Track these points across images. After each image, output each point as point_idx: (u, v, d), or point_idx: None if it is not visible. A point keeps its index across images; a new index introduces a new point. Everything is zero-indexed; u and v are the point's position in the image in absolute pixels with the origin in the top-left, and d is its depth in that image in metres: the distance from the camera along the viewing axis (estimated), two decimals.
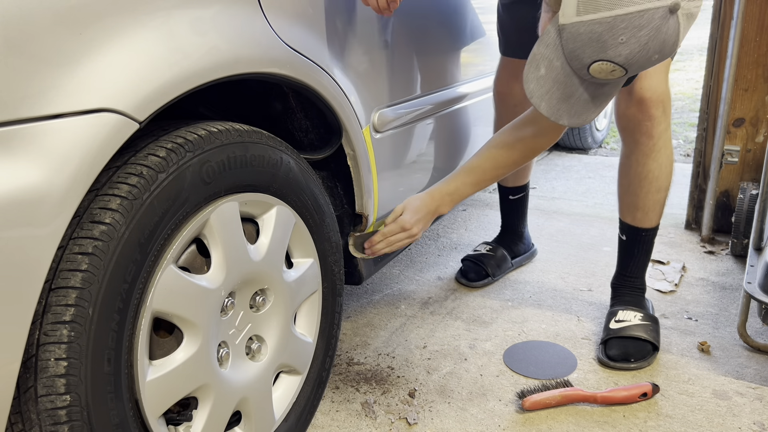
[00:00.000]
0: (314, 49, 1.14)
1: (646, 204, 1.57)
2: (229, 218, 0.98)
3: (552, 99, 1.20)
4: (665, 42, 1.08)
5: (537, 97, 1.20)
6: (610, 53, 1.09)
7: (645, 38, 1.06)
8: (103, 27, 0.77)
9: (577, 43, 1.11)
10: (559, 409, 1.38)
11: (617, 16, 1.05)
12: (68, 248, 0.77)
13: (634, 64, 1.10)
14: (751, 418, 1.35)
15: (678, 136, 4.08)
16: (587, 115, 1.23)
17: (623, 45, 1.07)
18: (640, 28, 1.05)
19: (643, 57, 1.09)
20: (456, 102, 1.78)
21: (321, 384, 1.28)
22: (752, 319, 1.69)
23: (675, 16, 1.05)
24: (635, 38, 1.06)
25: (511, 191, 2.02)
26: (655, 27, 1.05)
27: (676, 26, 1.06)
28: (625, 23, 1.05)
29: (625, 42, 1.07)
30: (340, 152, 1.30)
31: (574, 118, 1.22)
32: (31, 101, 0.70)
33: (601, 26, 1.07)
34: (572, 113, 1.21)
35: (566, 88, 1.18)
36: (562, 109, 1.21)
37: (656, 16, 1.04)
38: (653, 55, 1.09)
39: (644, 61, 1.10)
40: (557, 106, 1.20)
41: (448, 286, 1.97)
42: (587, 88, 1.19)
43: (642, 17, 1.04)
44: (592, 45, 1.09)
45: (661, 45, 1.08)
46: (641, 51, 1.07)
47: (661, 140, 1.49)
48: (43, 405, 0.76)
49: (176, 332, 0.93)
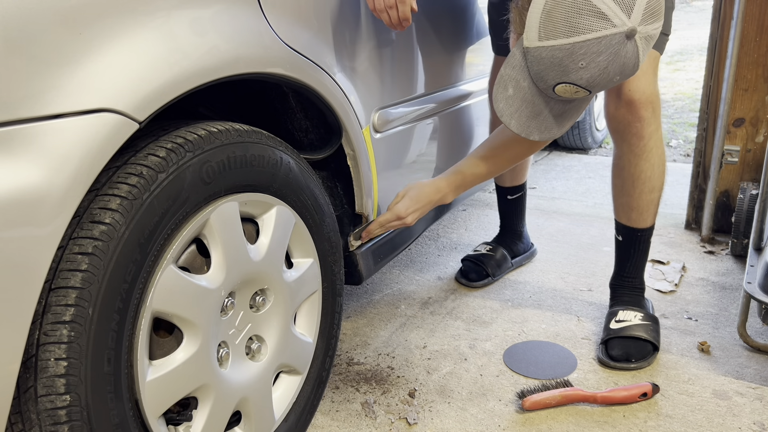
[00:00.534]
0: (314, 49, 1.14)
1: (640, 204, 1.58)
2: (229, 218, 0.98)
3: (521, 117, 1.23)
4: (625, 65, 1.10)
5: (507, 115, 1.24)
6: (572, 77, 1.11)
7: (604, 63, 1.09)
8: (103, 27, 0.77)
9: (541, 66, 1.14)
10: (559, 409, 1.38)
11: (575, 43, 1.08)
12: (68, 248, 0.77)
13: (597, 86, 1.13)
14: (751, 418, 1.35)
15: (678, 136, 4.08)
16: (558, 129, 1.26)
17: (584, 69, 1.09)
18: (598, 54, 1.08)
19: (605, 79, 1.11)
20: (456, 102, 1.78)
21: (321, 384, 1.28)
22: (752, 319, 1.69)
23: (633, 41, 1.08)
24: (594, 63, 1.08)
25: (509, 191, 2.02)
26: (613, 52, 1.08)
27: (634, 50, 1.09)
28: (583, 49, 1.08)
29: (585, 67, 1.09)
30: (340, 152, 1.30)
31: (545, 134, 1.26)
32: (31, 101, 0.70)
33: (561, 52, 1.09)
34: (542, 129, 1.25)
35: (534, 107, 1.22)
36: (532, 125, 1.24)
37: (613, 42, 1.07)
38: (614, 77, 1.12)
39: (606, 83, 1.12)
40: (527, 123, 1.24)
41: (448, 286, 1.97)
42: (555, 105, 1.22)
43: (600, 43, 1.07)
44: (555, 69, 1.12)
45: (621, 68, 1.10)
46: (601, 74, 1.10)
47: (651, 140, 1.50)
48: (43, 405, 0.76)
49: (176, 332, 0.93)
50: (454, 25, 1.74)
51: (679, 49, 7.33)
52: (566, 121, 1.27)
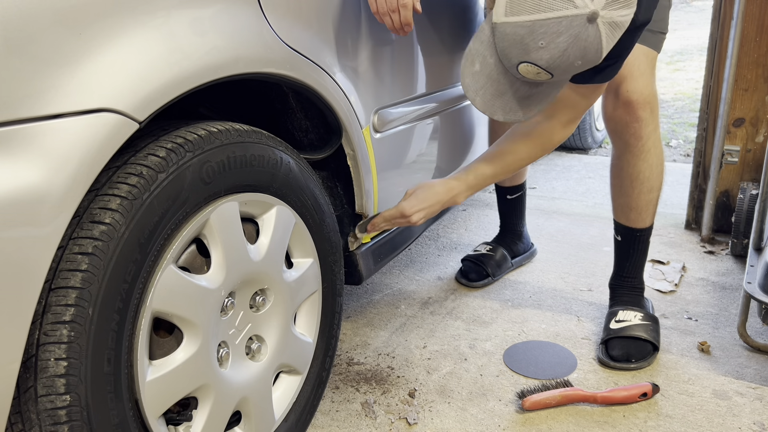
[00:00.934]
0: (314, 49, 1.14)
1: (639, 204, 1.58)
2: (229, 218, 0.98)
3: (486, 94, 1.20)
4: (586, 49, 1.07)
5: (472, 91, 1.21)
6: (533, 56, 1.09)
7: (564, 44, 1.06)
8: (103, 27, 0.77)
9: (505, 42, 1.11)
10: (559, 409, 1.38)
11: (536, 21, 1.05)
12: (68, 248, 0.77)
13: (557, 69, 1.10)
14: (751, 418, 1.35)
15: (678, 136, 4.08)
16: (523, 112, 1.23)
17: (543, 49, 1.07)
18: (558, 35, 1.05)
19: (565, 62, 1.08)
20: (456, 102, 1.78)
21: (321, 384, 1.28)
22: (752, 319, 1.69)
23: (595, 25, 1.05)
24: (554, 44, 1.06)
25: (509, 191, 2.02)
26: (573, 35, 1.05)
27: (596, 35, 1.06)
28: (543, 28, 1.05)
29: (545, 47, 1.07)
30: (340, 152, 1.30)
31: (509, 115, 1.22)
32: (31, 101, 0.70)
33: (523, 29, 1.07)
34: (507, 110, 1.22)
35: (499, 85, 1.19)
36: (497, 105, 1.21)
37: (574, 24, 1.04)
38: (575, 61, 1.08)
39: (567, 66, 1.09)
40: (491, 102, 1.21)
41: (448, 286, 1.97)
42: (521, 87, 1.19)
43: (560, 24, 1.04)
44: (517, 46, 1.09)
45: (582, 52, 1.07)
46: (561, 56, 1.07)
47: (650, 141, 1.50)
48: (43, 405, 0.76)
49: (176, 332, 0.93)
50: (454, 24, 1.74)
51: (679, 49, 7.33)
52: (532, 106, 1.23)
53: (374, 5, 1.23)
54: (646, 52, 1.45)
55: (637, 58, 1.44)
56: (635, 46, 1.43)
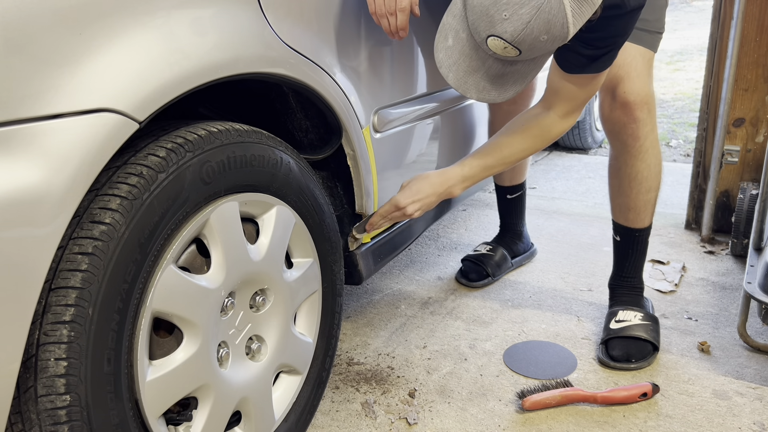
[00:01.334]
0: (314, 49, 1.14)
1: (637, 204, 1.58)
2: (229, 218, 0.98)
3: (459, 71, 1.18)
4: (551, 23, 1.04)
5: (445, 67, 1.19)
6: (498, 29, 1.06)
7: (527, 16, 1.03)
8: (103, 27, 0.77)
9: (474, 15, 1.09)
10: (559, 409, 1.38)
11: None
12: (68, 248, 0.77)
13: (523, 43, 1.07)
14: (751, 418, 1.35)
15: (678, 136, 4.08)
16: (497, 93, 1.20)
17: (507, 21, 1.04)
18: (521, 6, 1.03)
19: (529, 36, 1.06)
20: (456, 102, 1.77)
21: (321, 384, 1.28)
22: (752, 319, 1.69)
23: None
24: (517, 15, 1.03)
25: (509, 190, 2.02)
26: (535, 6, 1.02)
27: (560, 7, 1.03)
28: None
29: (509, 18, 1.04)
30: (340, 152, 1.30)
31: (482, 93, 1.20)
32: (30, 101, 0.70)
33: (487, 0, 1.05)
34: (480, 88, 1.19)
35: (472, 61, 1.17)
36: (470, 82, 1.19)
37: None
38: (540, 35, 1.06)
39: (532, 41, 1.06)
40: (464, 79, 1.18)
41: (448, 286, 1.97)
42: (494, 64, 1.16)
43: None
44: (484, 18, 1.07)
45: (546, 25, 1.04)
46: (525, 30, 1.04)
47: (647, 141, 1.49)
48: (43, 405, 0.76)
49: (176, 332, 0.93)
50: None
51: (679, 49, 7.33)
52: (507, 86, 1.20)
53: (372, 6, 1.23)
54: (642, 52, 1.45)
55: (634, 59, 1.44)
56: (632, 46, 1.43)
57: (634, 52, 1.44)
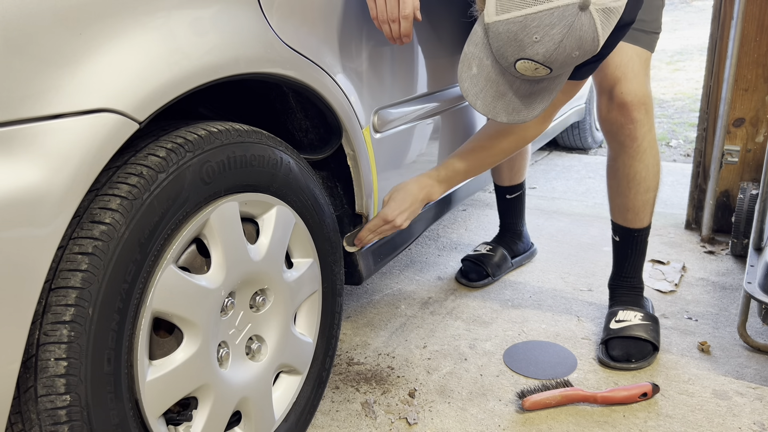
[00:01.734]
0: (314, 49, 1.14)
1: (636, 205, 1.58)
2: (229, 218, 0.98)
3: (487, 97, 1.19)
4: (582, 39, 1.05)
5: (472, 95, 1.20)
6: (529, 51, 1.07)
7: (559, 36, 1.04)
8: (103, 27, 0.77)
9: (500, 42, 1.10)
10: (559, 409, 1.38)
11: (527, 15, 1.04)
12: (68, 248, 0.77)
13: (555, 62, 1.08)
14: (751, 418, 1.35)
15: (678, 136, 4.08)
16: (528, 112, 1.21)
17: (538, 44, 1.06)
18: (552, 26, 1.04)
19: (562, 55, 1.07)
20: (456, 102, 1.78)
21: (321, 384, 1.28)
22: (752, 319, 1.69)
23: (587, 13, 1.03)
24: (548, 36, 1.05)
25: (508, 190, 2.02)
26: (567, 25, 1.03)
27: (590, 23, 1.04)
28: (536, 22, 1.04)
29: (540, 41, 1.05)
30: (340, 152, 1.30)
31: (513, 115, 1.21)
32: (31, 101, 0.70)
33: (515, 25, 1.06)
34: (510, 110, 1.20)
35: (499, 86, 1.18)
36: (499, 106, 1.20)
37: (566, 14, 1.03)
38: (572, 52, 1.07)
39: (565, 59, 1.08)
40: (493, 104, 1.19)
41: (448, 286, 1.97)
42: (522, 86, 1.17)
43: (552, 15, 1.03)
44: (512, 44, 1.08)
45: (578, 42, 1.06)
46: (558, 49, 1.06)
47: (645, 141, 1.49)
48: (43, 405, 0.76)
49: (176, 332, 0.93)
50: (454, 25, 1.74)
51: (679, 49, 7.33)
52: (536, 104, 1.21)
53: (374, 11, 1.22)
54: (639, 52, 1.45)
55: (631, 59, 1.44)
56: (629, 47, 1.43)
57: (631, 53, 1.44)
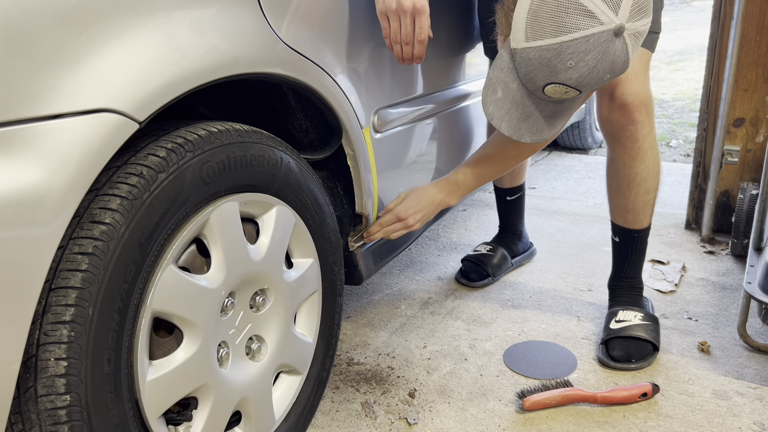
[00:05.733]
0: (314, 49, 1.14)
1: (636, 206, 1.58)
2: (229, 218, 0.98)
3: (512, 119, 1.21)
4: (615, 63, 1.08)
5: (497, 118, 1.22)
6: (561, 77, 1.10)
7: (593, 62, 1.07)
8: (103, 27, 0.77)
9: (529, 67, 1.12)
10: (559, 409, 1.38)
11: (563, 43, 1.06)
12: (68, 248, 0.77)
13: (587, 86, 1.11)
14: (751, 418, 1.35)
15: (678, 136, 4.08)
16: (550, 130, 1.24)
17: (573, 69, 1.08)
18: (587, 53, 1.06)
19: (594, 78, 1.09)
20: (456, 102, 1.78)
21: (321, 384, 1.29)
22: (752, 319, 1.69)
23: (621, 38, 1.06)
24: (583, 62, 1.07)
25: (508, 192, 2.02)
26: (601, 51, 1.06)
27: (623, 47, 1.07)
28: (571, 49, 1.06)
29: (574, 66, 1.07)
30: (340, 152, 1.30)
31: (536, 135, 1.23)
32: (31, 101, 0.70)
33: (549, 52, 1.08)
34: (534, 131, 1.23)
35: (525, 109, 1.20)
36: (523, 128, 1.22)
37: (601, 40, 1.05)
38: (604, 75, 1.10)
39: (596, 82, 1.11)
40: (518, 126, 1.22)
41: (448, 286, 1.97)
42: (546, 106, 1.20)
43: (588, 42, 1.05)
44: (543, 69, 1.10)
45: (611, 66, 1.09)
46: (591, 73, 1.08)
47: (646, 142, 1.50)
48: (43, 405, 0.76)
49: (176, 332, 0.93)
50: (453, 25, 1.74)
51: (679, 49, 7.33)
52: (558, 122, 1.25)
53: (387, 30, 1.23)
54: (640, 53, 1.45)
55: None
56: None
57: None
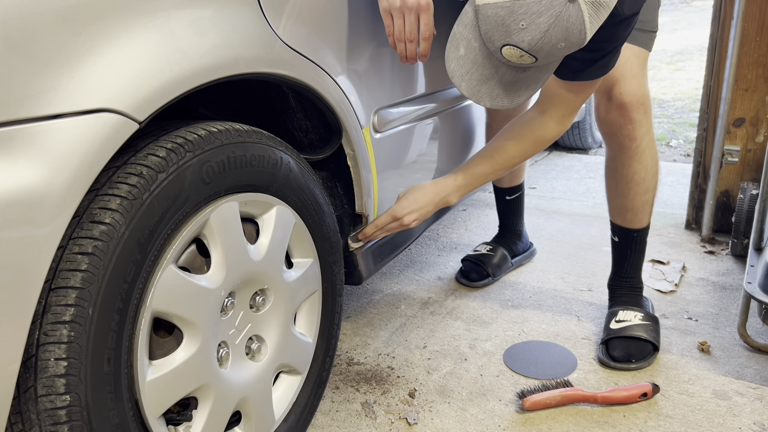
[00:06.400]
0: (314, 49, 1.14)
1: (635, 205, 1.58)
2: (229, 218, 0.98)
3: (472, 80, 1.18)
4: (569, 30, 1.04)
5: (458, 76, 1.18)
6: (514, 38, 1.06)
7: (545, 25, 1.03)
8: (103, 27, 0.77)
9: (488, 25, 1.09)
10: (559, 409, 1.38)
11: (516, 1, 1.03)
12: (68, 248, 0.77)
13: (540, 51, 1.07)
14: (751, 418, 1.35)
15: (678, 136, 4.08)
16: (508, 99, 1.20)
17: (524, 31, 1.04)
18: (539, 15, 1.03)
19: (547, 44, 1.06)
20: (456, 102, 1.78)
21: (321, 384, 1.28)
22: (752, 319, 1.69)
23: (576, 5, 1.02)
24: (535, 24, 1.03)
25: (507, 192, 2.02)
26: (554, 14, 1.02)
27: (578, 15, 1.03)
28: (524, 9, 1.03)
29: (526, 28, 1.04)
30: (340, 152, 1.30)
31: (496, 101, 1.19)
32: (31, 101, 0.70)
33: (503, 10, 1.05)
34: (493, 96, 1.19)
35: (485, 70, 1.16)
36: (483, 90, 1.18)
37: (554, 4, 1.02)
38: (558, 43, 1.06)
39: (550, 49, 1.07)
40: (477, 87, 1.18)
41: (448, 286, 1.97)
42: (507, 72, 1.16)
43: (540, 3, 1.02)
44: (499, 29, 1.07)
45: (564, 33, 1.04)
46: (543, 38, 1.04)
47: (644, 142, 1.49)
48: (43, 405, 0.76)
49: (176, 332, 0.93)
50: (453, 24, 1.74)
51: (679, 49, 7.33)
52: (519, 93, 1.19)
53: (391, 28, 1.21)
54: (637, 52, 1.45)
55: (629, 60, 1.44)
56: (627, 47, 1.42)
57: (628, 53, 1.43)
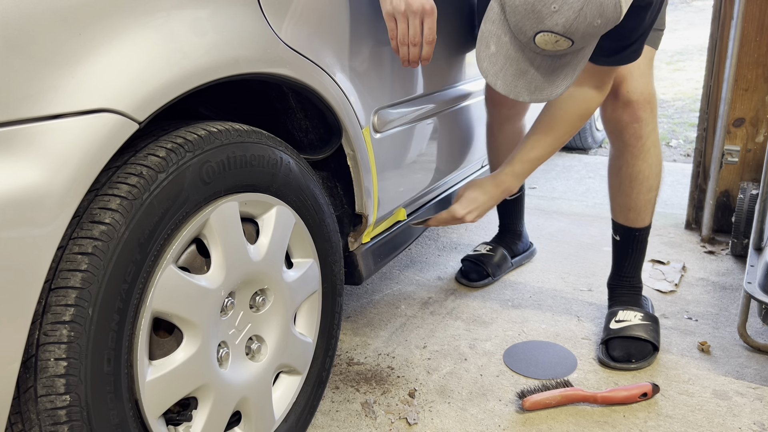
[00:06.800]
0: (314, 49, 1.14)
1: (638, 204, 1.58)
2: (229, 218, 0.98)
3: (507, 76, 1.15)
4: (603, 5, 1.01)
5: (492, 75, 1.16)
6: (548, 23, 1.04)
7: (578, 4, 1.01)
8: (103, 27, 0.77)
9: (517, 15, 1.07)
10: (559, 409, 1.38)
11: None
12: (68, 248, 0.77)
13: (576, 32, 1.04)
14: (751, 418, 1.35)
15: (678, 136, 4.08)
16: (551, 89, 1.17)
17: (557, 13, 1.02)
18: None
19: (583, 24, 1.03)
20: (456, 102, 1.77)
21: (321, 384, 1.28)
22: (752, 319, 1.69)
23: None
24: (567, 5, 1.01)
25: None
26: None
27: None
28: None
29: (559, 10, 1.01)
30: (340, 152, 1.30)
31: (535, 94, 1.17)
32: (30, 101, 0.70)
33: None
34: (532, 89, 1.16)
35: (519, 64, 1.14)
36: (520, 85, 1.16)
37: None
38: (594, 20, 1.03)
39: (586, 28, 1.04)
40: (513, 83, 1.16)
41: (448, 286, 1.97)
42: (543, 62, 1.14)
43: None
44: (530, 16, 1.05)
45: (599, 9, 1.02)
46: (578, 18, 1.02)
47: (649, 140, 1.50)
48: (43, 405, 0.76)
49: (176, 332, 0.93)
50: (453, 25, 1.74)
51: (679, 49, 7.32)
52: (559, 81, 1.16)
53: (394, 31, 1.20)
54: (645, 50, 1.45)
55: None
56: None
57: None
